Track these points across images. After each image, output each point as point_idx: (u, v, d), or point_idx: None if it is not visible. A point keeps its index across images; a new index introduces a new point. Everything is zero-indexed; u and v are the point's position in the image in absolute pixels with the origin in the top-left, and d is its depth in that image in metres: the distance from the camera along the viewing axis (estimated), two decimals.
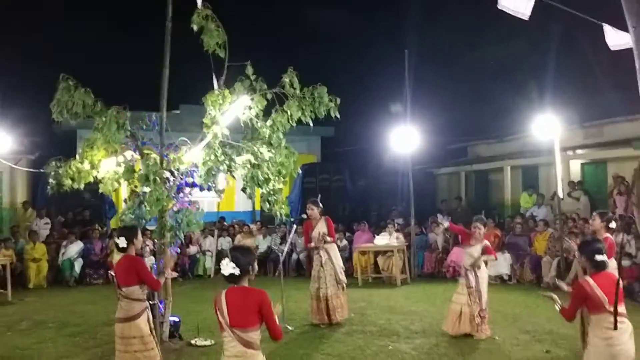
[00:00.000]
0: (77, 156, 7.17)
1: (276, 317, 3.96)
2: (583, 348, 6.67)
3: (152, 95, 8.20)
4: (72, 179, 7.03)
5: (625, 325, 4.38)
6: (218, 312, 3.92)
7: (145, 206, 6.80)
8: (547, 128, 10.98)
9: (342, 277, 8.83)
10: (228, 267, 3.90)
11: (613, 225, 6.73)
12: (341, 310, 8.71)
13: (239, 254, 3.99)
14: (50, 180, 7.14)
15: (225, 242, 15.08)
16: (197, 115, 8.49)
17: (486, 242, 8.05)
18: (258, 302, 3.85)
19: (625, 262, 10.09)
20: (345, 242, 14.32)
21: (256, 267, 4.09)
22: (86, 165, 6.97)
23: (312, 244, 8.81)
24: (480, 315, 7.76)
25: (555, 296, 4.99)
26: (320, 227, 8.80)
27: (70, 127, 14.11)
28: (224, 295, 3.92)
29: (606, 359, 4.24)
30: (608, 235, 6.57)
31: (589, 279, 4.46)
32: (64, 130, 16.26)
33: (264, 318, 3.85)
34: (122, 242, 5.48)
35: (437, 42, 20.04)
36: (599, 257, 4.51)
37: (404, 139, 14.10)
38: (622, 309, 4.42)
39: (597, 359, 4.29)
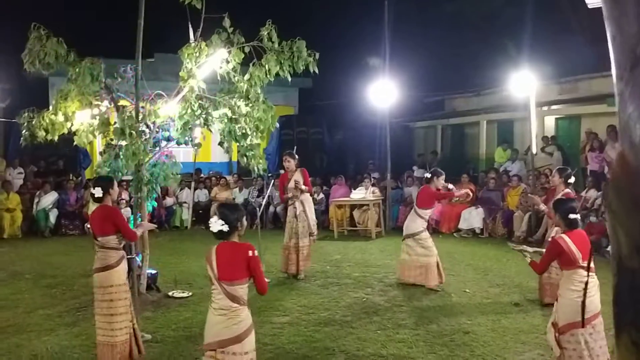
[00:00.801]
0: (50, 107, 7.04)
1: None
2: (541, 298, 7.05)
3: (127, 42, 7.97)
4: (46, 131, 6.92)
5: (594, 279, 4.58)
6: (208, 266, 4.02)
7: (121, 159, 6.75)
8: (523, 84, 11.07)
9: (314, 229, 9.04)
10: (217, 224, 3.98)
11: (572, 180, 7.01)
12: (308, 262, 8.94)
13: (227, 211, 4.07)
14: (23, 131, 7.02)
15: (202, 195, 15.09)
16: (172, 64, 8.33)
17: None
18: (246, 256, 3.95)
19: (593, 219, 10.36)
20: (322, 195, 14.43)
21: (245, 222, 4.18)
22: (60, 117, 6.85)
23: (289, 194, 8.89)
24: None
25: (527, 248, 5.19)
26: (296, 178, 8.89)
27: (42, 75, 13.75)
28: (214, 249, 4.03)
29: (578, 309, 4.43)
30: (568, 190, 6.83)
31: (564, 236, 4.64)
32: (36, 78, 15.81)
33: (252, 272, 3.97)
34: (97, 192, 5.40)
35: None
36: (572, 216, 4.67)
37: (381, 92, 14.06)
38: (591, 264, 4.62)
39: (570, 310, 4.48)
